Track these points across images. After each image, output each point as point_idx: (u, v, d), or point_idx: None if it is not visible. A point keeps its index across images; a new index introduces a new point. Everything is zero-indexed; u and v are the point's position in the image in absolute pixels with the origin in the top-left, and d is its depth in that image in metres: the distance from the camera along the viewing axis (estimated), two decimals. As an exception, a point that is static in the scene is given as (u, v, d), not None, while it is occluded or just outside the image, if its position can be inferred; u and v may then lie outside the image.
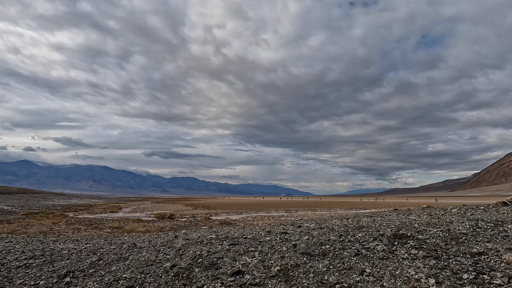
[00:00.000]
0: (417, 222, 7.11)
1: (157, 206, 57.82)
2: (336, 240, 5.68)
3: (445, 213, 9.40)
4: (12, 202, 52.99)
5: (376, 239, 5.55)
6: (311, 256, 5.00)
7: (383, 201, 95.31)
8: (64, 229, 17.05)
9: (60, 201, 71.21)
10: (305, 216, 30.95)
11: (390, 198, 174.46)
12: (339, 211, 40.98)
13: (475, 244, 5.00)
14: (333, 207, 53.41)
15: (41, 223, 20.66)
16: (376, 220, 8.27)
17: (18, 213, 31.62)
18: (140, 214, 35.43)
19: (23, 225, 19.25)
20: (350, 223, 7.85)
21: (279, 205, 61.22)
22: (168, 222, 22.51)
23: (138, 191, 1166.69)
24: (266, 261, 5.02)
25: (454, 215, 8.51)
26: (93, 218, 27.72)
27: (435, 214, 9.04)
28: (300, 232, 6.70)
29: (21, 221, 21.81)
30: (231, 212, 38.46)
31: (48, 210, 35.10)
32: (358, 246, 5.25)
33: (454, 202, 78.89)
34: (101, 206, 51.67)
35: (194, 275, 4.67)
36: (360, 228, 6.71)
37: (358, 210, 45.26)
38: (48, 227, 18.39)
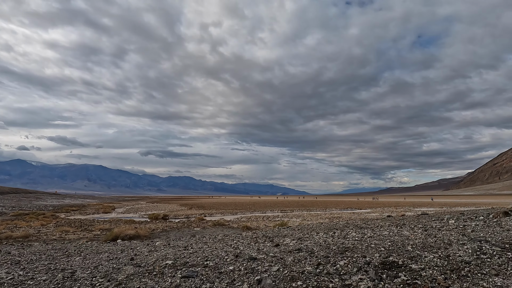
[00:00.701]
0: (411, 243, 6.03)
1: (152, 206, 57.23)
2: (312, 273, 4.44)
3: (442, 226, 8.12)
4: (3, 202, 52.07)
5: (360, 270, 4.41)
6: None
7: (378, 201, 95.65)
8: (52, 232, 16.58)
9: (53, 201, 70.23)
10: (300, 216, 30.72)
11: (386, 197, 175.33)
12: (334, 211, 40.84)
13: (480, 280, 3.96)
14: (329, 206, 53.32)
15: (29, 224, 20.12)
16: (365, 237, 7.00)
17: (8, 214, 30.94)
18: (134, 215, 34.93)
19: (10, 227, 18.72)
20: (335, 242, 6.53)
21: (275, 204, 61.01)
22: (160, 224, 22.09)
23: (134, 191, 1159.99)
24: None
25: (453, 231, 7.25)
26: (85, 219, 27.18)
27: (430, 228, 7.87)
28: (273, 258, 5.47)
29: (9, 222, 21.25)
30: (226, 212, 38.11)
31: (39, 211, 34.43)
32: (337, 283, 4.06)
33: (449, 201, 79.40)
34: (95, 207, 50.97)
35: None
36: (344, 252, 5.52)
37: (354, 209, 45.20)
38: (36, 229, 17.89)
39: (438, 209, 43.75)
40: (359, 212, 38.91)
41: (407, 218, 11.18)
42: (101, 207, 49.52)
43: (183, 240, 10.65)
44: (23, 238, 13.90)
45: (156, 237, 14.69)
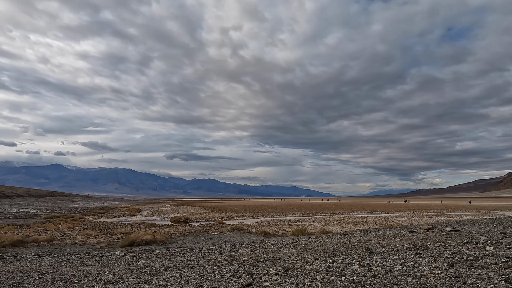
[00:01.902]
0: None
1: (175, 209, 58.38)
2: None
3: (476, 258, 5.70)
4: (39, 205, 55.51)
5: None
6: None
7: (408, 204, 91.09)
8: (75, 235, 17.11)
9: (84, 203, 73.90)
10: (322, 220, 29.69)
11: (417, 200, 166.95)
12: (359, 215, 39.19)
13: None
14: (354, 210, 51.38)
15: (57, 227, 21.00)
16: (367, 275, 5.15)
17: (41, 216, 32.72)
18: (157, 218, 35.65)
19: (40, 230, 19.61)
20: (326, 281, 5.00)
21: (297, 207, 59.90)
22: (180, 227, 22.20)
23: (161, 193, 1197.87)
24: None
25: (491, 268, 5.00)
26: (110, 222, 28.06)
27: (460, 262, 5.48)
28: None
29: (40, 225, 22.32)
30: (247, 216, 37.83)
31: (69, 214, 36.15)
32: None
33: (487, 204, 73.72)
34: (121, 209, 52.84)
35: None
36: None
37: (380, 213, 43.13)
38: (62, 232, 18.58)
39: (474, 213, 40.58)
40: (386, 216, 37.01)
41: (433, 237, 8.84)
42: (127, 209, 51.22)
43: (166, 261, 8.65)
44: (47, 241, 14.40)
45: (173, 242, 14.64)
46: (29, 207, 47.88)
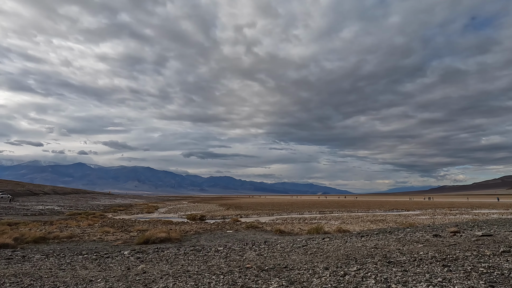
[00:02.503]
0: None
1: (192, 206, 59.23)
2: None
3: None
4: (64, 202, 57.94)
5: None
6: None
7: (430, 201, 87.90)
8: (95, 232, 17.56)
9: (106, 201, 76.45)
10: (339, 219, 29.05)
11: (439, 197, 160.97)
12: (377, 213, 38.11)
13: None
14: (372, 207, 50.09)
15: (78, 224, 21.69)
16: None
17: (65, 213, 34.03)
18: (173, 215, 36.23)
19: (62, 226, 20.31)
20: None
21: (314, 205, 59.15)
22: (196, 225, 22.37)
23: (178, 190, 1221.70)
24: None
25: None
26: (128, 219, 28.74)
27: (500, 280, 4.54)
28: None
29: (62, 222, 23.16)
30: (262, 213, 37.69)
31: (90, 211, 37.38)
32: None
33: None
34: (140, 207, 54.16)
35: None
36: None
37: (400, 211, 41.75)
38: (82, 229, 19.15)
39: (502, 211, 38.44)
40: (406, 214, 35.77)
41: (461, 244, 7.62)
42: (145, 207, 52.45)
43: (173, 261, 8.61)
44: (68, 238, 14.83)
45: (187, 240, 14.69)
46: (54, 204, 50.04)
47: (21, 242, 13.23)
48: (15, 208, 37.09)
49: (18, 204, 43.77)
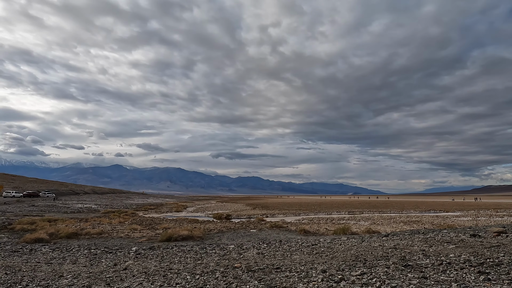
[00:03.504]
0: None
1: (219, 205, 60.04)
2: None
3: None
4: (101, 201, 61.62)
5: None
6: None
7: (474, 202, 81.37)
8: (123, 229, 18.21)
9: (139, 200, 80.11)
10: (369, 219, 27.65)
11: (483, 198, 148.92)
12: (412, 214, 35.79)
13: None
14: (406, 208, 47.26)
15: (110, 222, 22.72)
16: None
17: (100, 211, 36.01)
18: (200, 214, 36.84)
19: (95, 223, 21.38)
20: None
21: (343, 205, 57.21)
22: (220, 224, 22.45)
23: (208, 191, 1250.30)
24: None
25: None
26: (157, 217, 29.67)
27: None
28: None
29: (96, 219, 24.41)
30: (289, 213, 37.07)
31: (123, 209, 39.22)
32: None
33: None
34: (170, 206, 55.94)
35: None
36: None
37: (437, 212, 38.88)
38: (112, 226, 19.98)
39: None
40: (444, 215, 33.20)
41: (507, 245, 6.29)
42: (175, 206, 54.08)
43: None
44: (98, 234, 15.49)
45: (209, 238, 14.68)
46: (92, 203, 53.36)
47: (55, 237, 14.03)
48: (57, 206, 40.02)
49: (60, 203, 47.24)
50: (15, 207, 34.65)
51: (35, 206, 37.35)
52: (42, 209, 34.73)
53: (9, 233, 16.06)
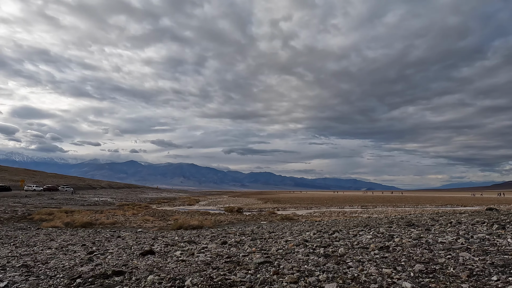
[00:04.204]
0: None
1: (231, 199, 60.46)
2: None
3: None
4: (116, 195, 63.22)
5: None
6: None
7: (500, 197, 78.49)
8: (136, 220, 18.58)
9: (153, 194, 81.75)
10: (383, 213, 27.10)
11: (507, 194, 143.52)
12: (428, 208, 34.85)
13: None
14: (422, 203, 46.07)
15: (124, 213, 23.24)
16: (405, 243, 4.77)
17: (115, 204, 36.93)
18: (212, 207, 37.19)
19: (110, 215, 21.92)
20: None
21: (356, 200, 56.39)
22: (232, 216, 22.57)
23: (220, 186, 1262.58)
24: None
25: None
26: (170, 210, 30.14)
27: None
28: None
29: (111, 211, 25.04)
30: (300, 206, 36.88)
31: (137, 203, 40.09)
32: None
33: None
34: (183, 200, 56.78)
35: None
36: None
37: (454, 207, 37.71)
38: (126, 217, 20.43)
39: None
40: (461, 210, 32.11)
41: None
42: (188, 200, 54.85)
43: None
44: (111, 224, 15.85)
45: (219, 228, 14.76)
46: (108, 196, 54.82)
47: (70, 226, 14.45)
48: (75, 199, 41.33)
49: (78, 196, 48.77)
50: (35, 199, 36.03)
51: (54, 199, 38.71)
52: (60, 202, 35.94)
53: (28, 222, 16.69)
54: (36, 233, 10.41)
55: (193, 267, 4.80)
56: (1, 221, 16.35)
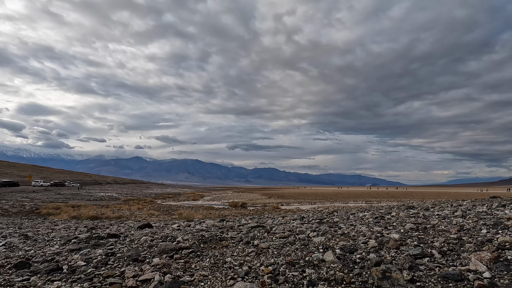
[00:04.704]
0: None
1: (236, 195, 60.73)
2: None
3: None
4: (122, 190, 63.89)
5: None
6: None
7: (509, 192, 77.64)
8: (141, 214, 18.79)
9: (158, 190, 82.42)
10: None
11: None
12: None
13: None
14: (427, 198, 45.76)
15: (129, 208, 23.52)
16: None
17: (120, 199, 37.35)
18: (216, 202, 37.41)
19: (115, 209, 22.19)
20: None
21: (360, 195, 56.27)
22: (235, 210, 22.70)
23: (225, 182, 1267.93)
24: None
25: None
26: (174, 205, 30.41)
27: None
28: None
29: (116, 206, 25.34)
30: (304, 201, 36.93)
31: (142, 198, 40.48)
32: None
33: None
34: (187, 195, 57.20)
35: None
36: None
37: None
38: (131, 212, 20.67)
39: None
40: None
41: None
42: (192, 195, 55.23)
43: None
44: (116, 218, 16.04)
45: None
46: (113, 192, 55.41)
47: (77, 220, 14.67)
48: (81, 195, 41.87)
49: (84, 191, 49.40)
50: (42, 195, 36.58)
51: (61, 194, 39.26)
52: (67, 196, 36.45)
53: (35, 216, 16.98)
54: (42, 222, 11.39)
55: (187, 232, 5.46)
56: (10, 214, 16.68)
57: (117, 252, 4.18)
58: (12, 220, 12.70)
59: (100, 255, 4.00)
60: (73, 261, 3.81)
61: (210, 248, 4.08)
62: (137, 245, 4.51)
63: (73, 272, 3.38)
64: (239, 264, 3.29)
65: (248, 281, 2.83)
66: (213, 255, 3.71)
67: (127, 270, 3.32)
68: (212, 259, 3.55)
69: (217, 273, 3.07)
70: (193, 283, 2.85)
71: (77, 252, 4.30)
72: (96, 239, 5.04)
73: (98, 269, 3.46)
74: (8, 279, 3.28)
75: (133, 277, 3.06)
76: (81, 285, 2.96)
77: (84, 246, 4.58)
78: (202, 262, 3.48)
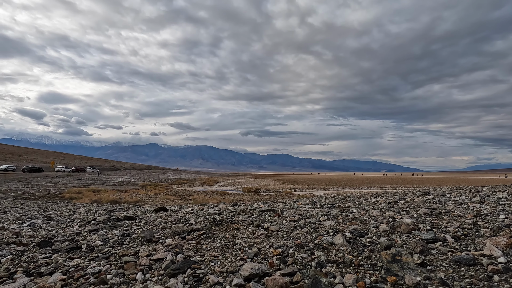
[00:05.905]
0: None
1: (249, 180, 61.37)
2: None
3: None
4: (139, 176, 65.90)
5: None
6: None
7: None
8: (158, 199, 19.37)
9: (173, 175, 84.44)
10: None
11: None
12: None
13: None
14: (444, 185, 44.62)
15: (147, 193, 24.27)
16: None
17: (138, 184, 38.58)
18: (230, 188, 37.99)
19: (133, 194, 22.97)
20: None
21: (375, 181, 55.55)
22: (249, 196, 22.99)
23: (238, 168, 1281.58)
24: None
25: None
26: (189, 190, 31.13)
27: None
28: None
29: (134, 190, 26.23)
30: (318, 187, 36.89)
31: (159, 183, 41.64)
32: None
33: None
34: (202, 180, 58.32)
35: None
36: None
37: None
38: (148, 196, 21.34)
39: None
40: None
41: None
42: (206, 181, 56.27)
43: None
44: (134, 203, 16.62)
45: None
46: (131, 177, 57.28)
47: (98, 203, 15.32)
48: (101, 180, 43.55)
49: (104, 177, 51.33)
50: (65, 180, 38.31)
51: (82, 180, 40.98)
52: (88, 182, 38.01)
53: (59, 200, 17.86)
54: (65, 205, 11.83)
55: (200, 215, 5.78)
56: (36, 198, 17.62)
57: (133, 233, 4.38)
58: (38, 203, 13.55)
59: (116, 236, 4.21)
60: (91, 241, 4.03)
61: (221, 231, 4.21)
62: (151, 226, 4.69)
63: (91, 251, 3.58)
64: (249, 245, 3.39)
65: (257, 262, 2.91)
66: (224, 237, 3.82)
67: (141, 249, 3.48)
68: (223, 240, 3.67)
69: (227, 254, 3.17)
70: (204, 262, 2.96)
71: (95, 233, 4.54)
72: (113, 221, 5.30)
73: (114, 248, 3.64)
74: (32, 256, 3.52)
75: (146, 256, 3.21)
76: (98, 262, 3.13)
77: (102, 227, 4.82)
78: (213, 243, 3.60)
